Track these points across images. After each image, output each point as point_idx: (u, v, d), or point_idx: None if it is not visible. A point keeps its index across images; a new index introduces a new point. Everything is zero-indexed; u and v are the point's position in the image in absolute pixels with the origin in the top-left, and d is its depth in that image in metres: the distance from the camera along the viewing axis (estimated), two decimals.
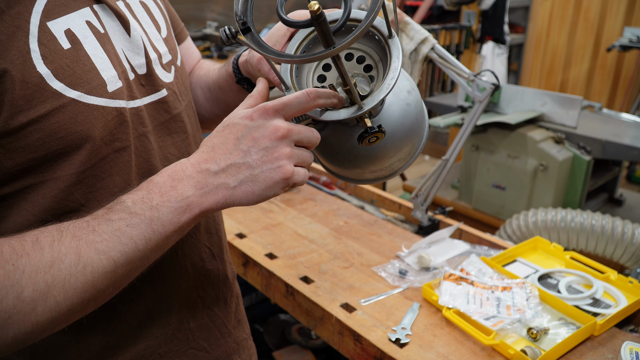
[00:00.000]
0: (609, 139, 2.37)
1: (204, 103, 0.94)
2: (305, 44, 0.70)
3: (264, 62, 0.75)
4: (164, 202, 0.59)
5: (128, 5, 0.73)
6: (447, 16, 4.72)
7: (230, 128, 0.63)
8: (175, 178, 0.60)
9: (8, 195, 0.61)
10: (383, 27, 0.66)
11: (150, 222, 0.58)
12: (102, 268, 0.55)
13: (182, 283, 0.81)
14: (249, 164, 0.60)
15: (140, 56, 0.71)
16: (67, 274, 0.53)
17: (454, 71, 1.45)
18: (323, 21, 0.53)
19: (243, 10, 0.60)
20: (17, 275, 0.50)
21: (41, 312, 0.52)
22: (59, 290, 0.53)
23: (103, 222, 0.57)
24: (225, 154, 0.61)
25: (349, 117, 0.63)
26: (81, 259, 0.54)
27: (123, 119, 0.66)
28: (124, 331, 0.75)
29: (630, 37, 3.65)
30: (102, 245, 0.55)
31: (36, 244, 0.53)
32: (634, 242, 1.97)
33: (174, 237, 0.61)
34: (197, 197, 0.60)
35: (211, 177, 0.61)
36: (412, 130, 0.72)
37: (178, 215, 0.59)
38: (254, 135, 0.61)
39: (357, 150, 0.70)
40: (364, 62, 0.69)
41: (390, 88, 0.62)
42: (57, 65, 0.59)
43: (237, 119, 0.63)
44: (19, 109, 0.56)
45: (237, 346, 0.93)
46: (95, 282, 0.55)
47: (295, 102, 0.62)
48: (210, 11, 4.62)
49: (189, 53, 0.96)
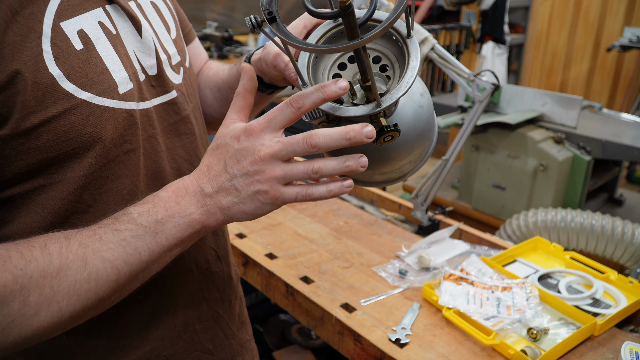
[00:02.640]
0: (609, 139, 2.37)
1: (213, 103, 0.94)
2: (322, 42, 0.70)
3: (280, 59, 0.73)
4: (169, 217, 0.60)
5: (139, 6, 0.73)
6: (447, 16, 4.72)
7: (221, 149, 0.63)
8: (178, 194, 0.62)
9: (18, 196, 0.61)
10: (401, 27, 0.66)
11: (155, 235, 0.59)
12: (106, 276, 0.56)
13: (187, 285, 0.81)
14: (235, 187, 0.61)
15: (151, 57, 0.71)
16: (72, 280, 0.54)
17: (454, 71, 1.45)
18: (351, 12, 0.53)
19: (269, 1, 0.60)
20: (25, 280, 0.51)
21: (43, 318, 0.52)
22: (63, 296, 0.53)
23: (110, 232, 0.58)
24: (216, 176, 0.62)
25: (366, 114, 0.63)
26: (87, 267, 0.54)
27: (133, 121, 0.66)
28: (130, 333, 0.75)
29: (630, 37, 3.65)
30: (107, 254, 0.56)
31: (45, 249, 0.53)
32: (634, 242, 1.97)
33: (175, 250, 0.62)
34: (199, 215, 0.62)
35: (207, 197, 0.62)
36: (424, 132, 0.72)
37: (181, 230, 0.61)
38: (239, 159, 0.61)
39: (369, 150, 0.70)
40: (379, 62, 0.69)
41: (408, 86, 0.62)
42: (69, 67, 0.59)
43: (227, 138, 0.63)
44: (30, 110, 0.57)
45: (241, 348, 0.93)
46: (98, 290, 0.56)
47: (279, 114, 0.60)
48: (210, 11, 4.63)
49: (197, 54, 0.96)
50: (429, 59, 1.51)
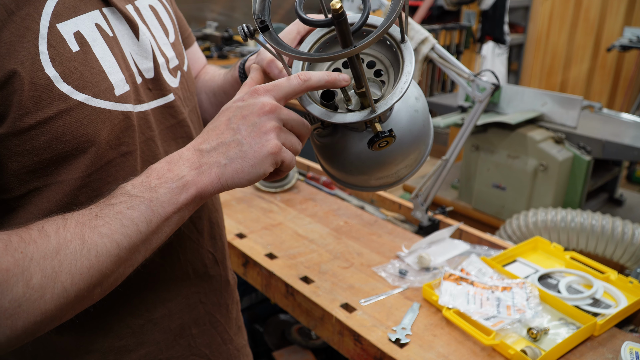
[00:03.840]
0: (609, 139, 2.37)
1: (209, 108, 0.94)
2: (315, 49, 0.70)
3: (274, 66, 0.74)
4: (161, 184, 0.59)
5: (137, 9, 0.73)
6: (447, 16, 4.72)
7: (224, 112, 0.64)
8: (171, 162, 0.61)
9: (14, 198, 0.61)
10: (395, 32, 0.66)
11: (150, 202, 0.58)
12: (107, 251, 0.55)
13: (183, 288, 0.81)
14: (238, 141, 0.61)
15: (148, 60, 0.71)
16: (72, 258, 0.53)
17: (454, 71, 1.45)
18: (344, 20, 0.53)
19: (261, 9, 0.60)
20: (26, 262, 0.50)
21: (49, 299, 0.51)
22: (65, 275, 0.52)
23: (105, 207, 0.57)
24: (217, 135, 0.62)
25: (360, 120, 0.63)
26: (85, 243, 0.54)
27: (130, 123, 0.66)
28: (125, 336, 0.75)
29: (630, 37, 3.65)
30: (105, 229, 0.55)
31: (42, 231, 0.53)
32: (634, 242, 1.97)
33: (174, 218, 0.61)
34: (192, 177, 0.60)
35: (204, 156, 0.61)
36: (419, 137, 0.72)
37: (176, 195, 0.59)
38: (243, 114, 0.61)
39: (364, 155, 0.70)
40: (374, 67, 0.69)
41: (403, 92, 0.62)
42: (66, 68, 0.59)
43: (230, 103, 0.64)
44: (26, 110, 0.56)
45: (238, 353, 0.93)
46: (100, 266, 0.55)
47: (285, 83, 0.62)
48: (210, 11, 4.63)
49: (195, 58, 0.96)
50: (429, 59, 1.51)
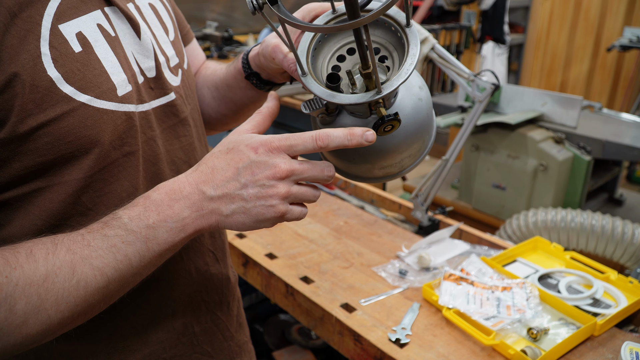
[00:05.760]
0: (609, 139, 2.36)
1: (211, 102, 0.93)
2: (317, 40, 0.70)
3: (279, 50, 0.73)
4: (161, 222, 0.59)
5: (138, 8, 0.73)
6: (447, 16, 4.72)
7: (233, 154, 0.62)
8: (172, 197, 0.60)
9: (15, 198, 0.61)
10: (399, 16, 0.66)
11: (146, 240, 0.58)
12: (96, 284, 0.55)
13: (186, 287, 0.81)
14: (242, 197, 0.60)
15: (150, 59, 0.71)
16: (60, 287, 0.53)
17: (454, 71, 1.45)
18: None
19: None
20: (11, 287, 0.50)
21: (32, 325, 0.51)
22: (51, 304, 0.52)
23: (99, 238, 0.57)
24: (223, 181, 0.61)
25: (366, 101, 0.62)
26: (75, 274, 0.54)
27: (132, 123, 0.66)
28: (130, 336, 0.75)
29: (630, 37, 3.65)
30: (97, 262, 0.55)
31: (30, 256, 0.53)
32: (634, 242, 1.97)
33: (167, 254, 0.61)
34: (193, 220, 0.61)
35: (206, 201, 0.61)
36: (423, 125, 0.72)
37: (174, 235, 0.60)
38: (254, 170, 0.60)
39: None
40: (379, 53, 0.69)
41: (409, 73, 0.61)
42: (68, 69, 0.59)
43: (242, 146, 0.62)
44: (28, 112, 0.56)
45: (240, 349, 0.93)
46: (87, 297, 0.55)
47: (301, 144, 0.61)
48: (210, 11, 4.63)
49: (195, 55, 0.96)
50: (429, 59, 1.51)
